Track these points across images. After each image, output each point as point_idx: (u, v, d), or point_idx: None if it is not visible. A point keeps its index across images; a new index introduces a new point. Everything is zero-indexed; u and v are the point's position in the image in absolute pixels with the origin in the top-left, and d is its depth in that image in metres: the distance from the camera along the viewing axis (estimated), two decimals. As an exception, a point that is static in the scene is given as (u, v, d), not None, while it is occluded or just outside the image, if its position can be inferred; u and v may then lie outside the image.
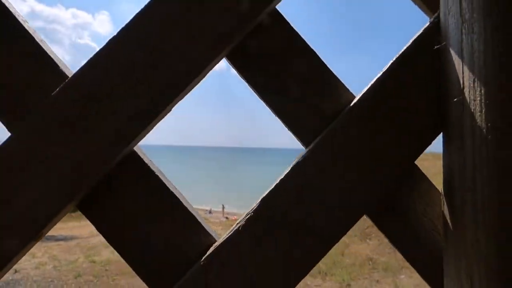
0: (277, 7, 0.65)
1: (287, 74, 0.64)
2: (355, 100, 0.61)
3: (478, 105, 0.50)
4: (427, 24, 0.62)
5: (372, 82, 0.61)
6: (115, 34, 0.59)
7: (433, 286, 0.62)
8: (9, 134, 0.58)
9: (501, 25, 0.48)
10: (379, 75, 0.61)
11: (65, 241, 11.66)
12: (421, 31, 0.62)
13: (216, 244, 0.59)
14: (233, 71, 0.66)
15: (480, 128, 0.49)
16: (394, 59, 0.62)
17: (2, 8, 0.60)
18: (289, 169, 0.60)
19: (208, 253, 0.59)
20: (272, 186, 0.60)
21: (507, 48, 0.47)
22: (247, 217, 0.59)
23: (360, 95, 0.61)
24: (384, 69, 0.61)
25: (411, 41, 0.62)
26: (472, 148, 0.50)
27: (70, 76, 0.60)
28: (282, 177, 0.60)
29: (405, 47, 0.62)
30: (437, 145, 0.64)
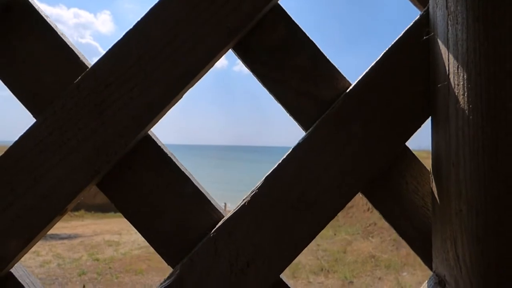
0: (279, 2, 0.70)
1: (288, 64, 0.69)
2: (350, 87, 0.67)
3: (461, 89, 0.55)
4: (418, 16, 0.68)
5: (367, 70, 0.67)
6: (131, 27, 0.64)
7: (422, 257, 0.67)
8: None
9: (481, 15, 0.53)
10: (373, 63, 0.67)
11: (69, 240, 11.72)
12: (412, 23, 0.67)
13: (225, 218, 0.65)
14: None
15: (463, 110, 0.54)
16: (387, 48, 0.67)
17: (27, 5, 0.66)
18: (290, 151, 0.66)
19: (217, 226, 0.64)
20: (275, 166, 0.65)
21: (486, 36, 0.53)
22: (252, 194, 0.65)
23: (355, 82, 0.67)
24: (378, 58, 0.67)
25: (403, 32, 0.67)
26: (455, 128, 0.56)
27: (88, 66, 0.66)
28: (284, 157, 0.65)
29: (397, 37, 0.67)
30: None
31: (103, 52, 0.65)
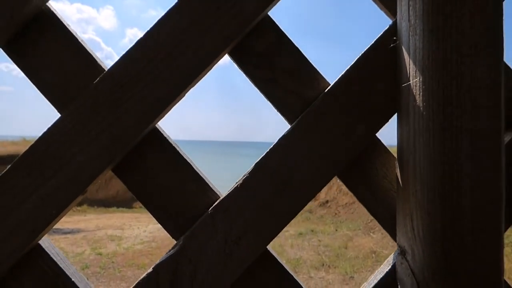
0: (269, 13, 0.81)
1: (276, 66, 0.80)
2: (329, 87, 0.78)
3: (418, 89, 0.66)
4: (388, 26, 0.78)
5: (343, 72, 0.78)
6: (141, 36, 0.75)
7: (390, 233, 0.78)
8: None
9: (434, 28, 0.64)
10: (348, 67, 0.77)
11: (72, 234, 11.84)
12: (383, 31, 0.78)
13: (221, 198, 0.76)
14: (236, 67, 0.83)
15: (418, 106, 0.65)
16: (361, 54, 0.78)
17: (52, 15, 0.77)
18: (276, 141, 0.77)
19: (214, 204, 0.76)
20: (263, 154, 0.76)
21: (437, 46, 0.63)
22: (244, 177, 0.76)
23: (333, 83, 0.78)
24: (353, 62, 0.78)
25: (374, 40, 0.78)
26: (413, 122, 0.67)
27: (104, 68, 0.77)
28: (271, 147, 0.76)
29: (369, 45, 0.78)
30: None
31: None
